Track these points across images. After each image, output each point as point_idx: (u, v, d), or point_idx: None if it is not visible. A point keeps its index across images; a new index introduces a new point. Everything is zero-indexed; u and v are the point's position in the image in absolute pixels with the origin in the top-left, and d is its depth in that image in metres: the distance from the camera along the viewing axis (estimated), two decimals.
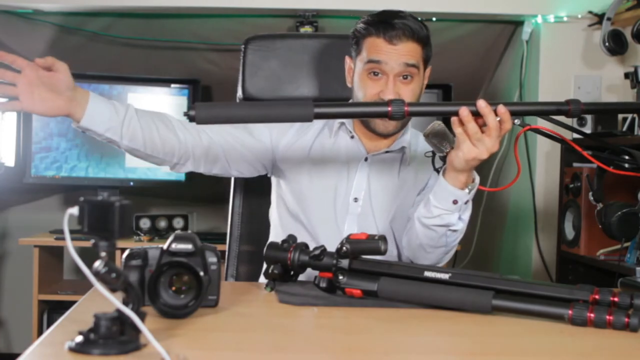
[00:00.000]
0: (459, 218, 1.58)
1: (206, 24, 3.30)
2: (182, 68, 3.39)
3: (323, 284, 1.39)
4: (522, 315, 1.26)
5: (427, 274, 1.33)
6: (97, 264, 0.98)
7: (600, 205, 2.37)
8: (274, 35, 2.06)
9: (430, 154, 1.57)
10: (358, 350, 1.09)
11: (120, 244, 2.40)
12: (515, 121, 1.44)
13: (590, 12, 3.10)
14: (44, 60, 1.47)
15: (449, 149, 1.50)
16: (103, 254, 0.99)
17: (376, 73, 1.69)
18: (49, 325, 2.85)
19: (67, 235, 0.97)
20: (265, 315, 1.29)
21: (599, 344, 1.15)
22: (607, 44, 2.85)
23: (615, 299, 1.23)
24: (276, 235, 1.84)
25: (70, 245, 0.97)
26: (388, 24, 1.68)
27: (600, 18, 3.05)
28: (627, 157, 1.53)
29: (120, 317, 0.98)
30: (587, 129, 2.86)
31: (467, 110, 1.43)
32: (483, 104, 1.43)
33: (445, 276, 1.32)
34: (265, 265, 1.50)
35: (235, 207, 2.03)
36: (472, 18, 3.27)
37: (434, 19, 3.23)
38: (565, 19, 3.16)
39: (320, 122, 1.82)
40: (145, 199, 3.55)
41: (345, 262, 1.37)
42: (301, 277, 1.48)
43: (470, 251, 3.42)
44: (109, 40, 3.30)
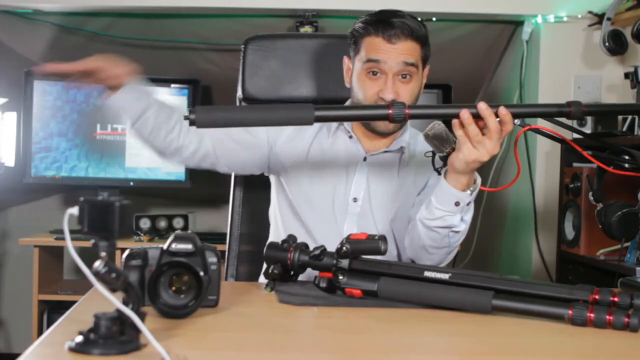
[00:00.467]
0: (461, 219, 1.58)
1: (206, 24, 3.30)
2: (182, 68, 3.39)
3: (323, 284, 1.39)
4: (522, 315, 1.26)
5: (427, 274, 1.33)
6: (97, 264, 0.98)
7: (600, 205, 2.36)
8: (274, 35, 2.06)
9: (430, 154, 1.57)
10: (358, 350, 1.09)
11: (120, 244, 2.40)
12: (516, 121, 1.44)
13: (590, 12, 3.10)
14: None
15: (449, 149, 1.50)
16: (103, 254, 0.99)
17: (375, 72, 1.69)
18: (49, 325, 2.85)
19: (67, 235, 0.97)
20: (265, 315, 1.29)
21: (599, 344, 1.15)
22: (607, 44, 2.85)
23: (615, 299, 1.23)
24: (276, 235, 1.84)
25: (70, 245, 0.97)
26: (387, 23, 1.68)
27: (600, 18, 3.05)
28: (627, 157, 1.53)
29: (120, 317, 0.98)
30: (587, 129, 2.86)
31: (467, 113, 1.43)
32: (484, 106, 1.42)
33: (445, 276, 1.32)
34: (265, 265, 1.50)
35: (235, 207, 2.03)
36: (472, 18, 3.27)
37: (433, 19, 3.23)
38: (565, 19, 3.16)
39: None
40: (145, 199, 3.55)
41: (345, 262, 1.37)
42: (301, 277, 1.48)
43: (470, 251, 3.42)
44: (109, 40, 3.30)
